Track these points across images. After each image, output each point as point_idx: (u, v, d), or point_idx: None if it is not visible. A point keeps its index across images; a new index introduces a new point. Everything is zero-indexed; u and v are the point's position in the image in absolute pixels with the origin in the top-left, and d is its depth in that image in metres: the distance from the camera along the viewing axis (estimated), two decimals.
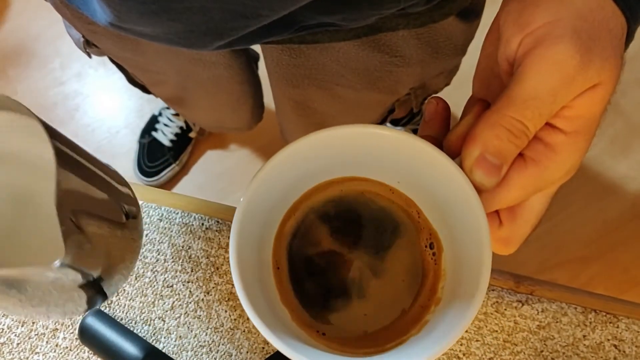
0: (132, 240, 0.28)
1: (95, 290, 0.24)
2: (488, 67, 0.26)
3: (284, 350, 0.23)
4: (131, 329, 0.46)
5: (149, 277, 0.47)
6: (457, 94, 1.32)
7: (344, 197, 0.30)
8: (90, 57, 0.57)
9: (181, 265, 0.47)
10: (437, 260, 0.28)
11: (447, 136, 0.26)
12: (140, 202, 0.49)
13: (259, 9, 0.31)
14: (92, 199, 0.23)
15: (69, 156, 0.22)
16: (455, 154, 0.25)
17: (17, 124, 0.22)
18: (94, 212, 0.23)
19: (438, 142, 0.27)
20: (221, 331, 0.45)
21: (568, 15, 0.21)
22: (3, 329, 0.47)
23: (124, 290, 0.47)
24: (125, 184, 0.30)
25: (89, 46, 0.54)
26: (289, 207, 0.30)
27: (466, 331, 0.44)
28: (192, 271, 0.47)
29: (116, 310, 0.47)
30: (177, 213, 0.48)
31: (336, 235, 0.30)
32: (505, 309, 0.44)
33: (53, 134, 0.21)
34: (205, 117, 0.76)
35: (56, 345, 0.46)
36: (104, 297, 0.26)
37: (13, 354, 0.46)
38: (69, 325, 0.47)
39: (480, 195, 0.23)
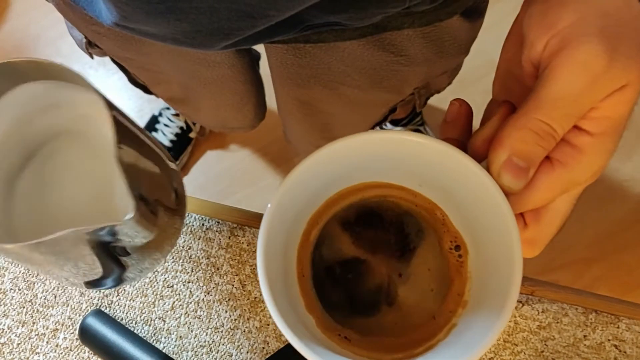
0: (174, 228, 0.28)
1: (119, 267, 0.24)
2: (508, 71, 0.26)
3: (312, 358, 0.23)
4: (131, 329, 0.46)
5: (149, 277, 0.47)
6: (456, 95, 1.31)
7: (366, 202, 0.30)
8: (92, 57, 0.57)
9: (181, 265, 0.47)
10: (463, 263, 0.28)
11: (471, 139, 0.26)
12: None
13: (266, 9, 0.31)
14: (148, 172, 0.24)
15: (127, 128, 0.22)
16: (481, 157, 0.25)
17: (80, 98, 0.22)
18: (149, 184, 0.24)
19: (461, 144, 0.27)
20: (221, 331, 0.45)
21: (594, 13, 0.21)
22: (3, 329, 0.47)
23: (124, 290, 0.47)
24: (173, 161, 0.30)
25: (91, 47, 0.54)
26: (311, 215, 0.30)
27: None
28: (192, 271, 0.47)
29: (116, 310, 0.47)
30: None
31: (360, 241, 0.30)
32: None
33: (111, 106, 0.21)
34: (208, 117, 0.76)
35: (56, 346, 0.46)
36: (119, 280, 0.26)
37: (13, 354, 0.46)
38: (69, 326, 0.47)
39: (508, 198, 0.23)
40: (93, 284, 0.26)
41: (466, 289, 0.28)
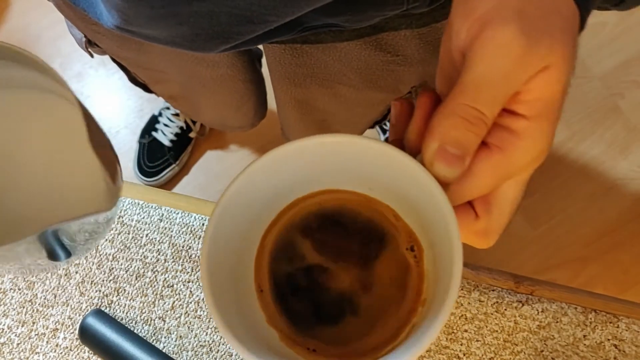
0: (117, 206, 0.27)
1: (65, 253, 0.23)
2: (448, 63, 0.26)
3: None
4: (131, 329, 0.46)
5: (150, 277, 0.47)
6: None
7: (323, 210, 0.29)
8: (92, 56, 0.57)
9: (181, 265, 0.47)
10: (419, 262, 0.28)
11: (406, 135, 0.26)
12: (140, 202, 0.49)
13: (266, 15, 0.32)
14: (106, 154, 0.23)
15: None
16: (417, 152, 0.24)
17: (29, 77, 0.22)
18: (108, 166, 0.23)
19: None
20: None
21: None
22: (3, 329, 0.47)
23: (124, 290, 0.47)
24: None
25: (91, 46, 0.54)
26: (266, 227, 0.29)
27: (466, 331, 0.44)
28: (192, 271, 0.47)
29: (116, 310, 0.47)
30: (178, 213, 0.48)
31: (321, 248, 0.29)
32: (505, 309, 0.44)
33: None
34: (208, 115, 0.76)
35: (56, 345, 0.46)
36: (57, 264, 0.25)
37: (13, 354, 0.46)
38: (69, 325, 0.47)
39: (447, 188, 0.23)
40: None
41: (424, 287, 0.27)
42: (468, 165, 0.22)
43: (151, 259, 0.47)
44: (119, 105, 1.33)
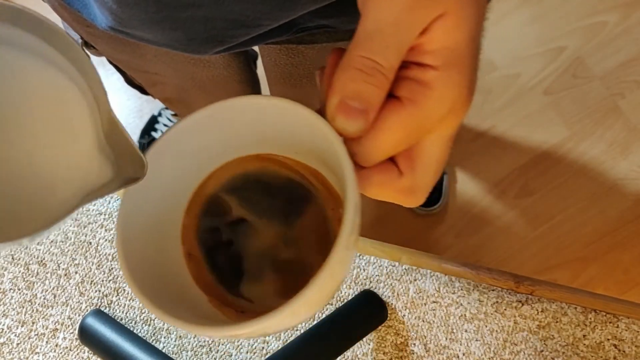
0: None
1: None
2: None
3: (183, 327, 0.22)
4: (131, 329, 0.46)
5: None
6: None
7: (250, 173, 0.30)
8: (88, 57, 0.58)
9: None
10: (341, 219, 0.28)
11: (319, 97, 0.25)
12: None
13: (260, 19, 0.32)
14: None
15: None
16: None
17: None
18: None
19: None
20: None
21: None
22: (3, 329, 0.47)
23: (124, 290, 0.47)
24: None
25: (88, 47, 0.54)
26: (190, 194, 0.29)
27: (466, 331, 0.44)
28: None
29: (116, 310, 0.47)
30: None
31: (244, 210, 0.29)
32: (505, 309, 0.44)
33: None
34: None
35: (56, 345, 0.46)
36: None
37: (13, 354, 0.46)
38: (69, 325, 0.47)
39: (359, 144, 0.23)
40: None
41: None
42: (373, 118, 0.22)
43: None
44: (118, 106, 1.33)
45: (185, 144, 0.26)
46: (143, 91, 0.72)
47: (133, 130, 1.30)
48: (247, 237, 0.29)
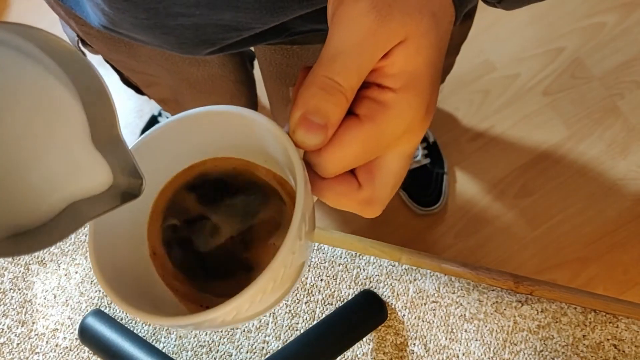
0: None
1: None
2: None
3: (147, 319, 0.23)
4: (131, 328, 0.46)
5: None
6: (454, 98, 1.32)
7: (210, 173, 0.31)
8: (85, 56, 0.58)
9: None
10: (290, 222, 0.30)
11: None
12: None
13: (251, 24, 0.32)
14: None
15: None
16: None
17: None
18: None
19: None
20: (221, 331, 0.45)
21: None
22: (3, 329, 0.47)
23: None
24: None
25: (84, 45, 0.54)
26: (156, 195, 0.30)
27: (465, 331, 0.44)
28: None
29: (116, 309, 0.47)
30: None
31: (205, 208, 0.30)
32: (505, 309, 0.44)
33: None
34: None
35: (56, 345, 0.46)
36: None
37: (13, 354, 0.46)
38: (69, 325, 0.47)
39: (319, 156, 0.24)
40: None
41: None
42: (331, 134, 0.23)
43: None
44: (118, 106, 1.32)
45: (156, 149, 0.28)
46: (139, 91, 0.72)
47: (133, 130, 1.30)
48: (207, 236, 0.30)
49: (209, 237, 0.30)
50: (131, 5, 0.32)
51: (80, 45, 0.54)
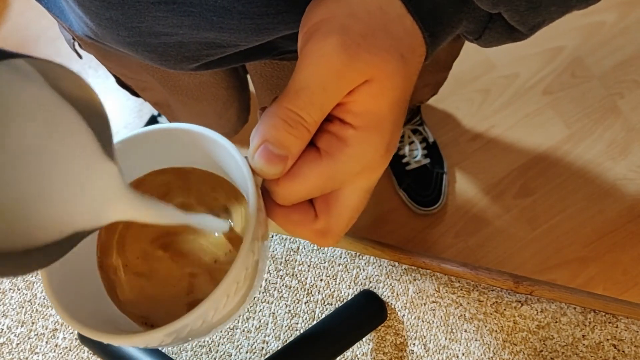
0: None
1: None
2: None
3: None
4: None
5: None
6: (454, 98, 1.32)
7: (167, 185, 0.31)
8: (80, 57, 0.57)
9: None
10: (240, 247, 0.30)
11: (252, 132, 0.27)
12: None
13: (235, 41, 0.32)
14: None
15: None
16: None
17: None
18: None
19: None
20: (221, 331, 0.45)
21: (341, 13, 0.23)
22: (3, 329, 0.47)
23: None
24: None
25: (80, 47, 0.54)
26: None
27: (465, 331, 0.44)
28: None
29: None
30: None
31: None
32: (504, 309, 0.44)
33: None
34: (192, 123, 0.76)
35: (56, 346, 0.46)
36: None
37: (13, 354, 0.46)
38: (68, 326, 0.47)
39: (277, 184, 0.24)
40: None
41: None
42: (290, 165, 0.23)
43: None
44: (118, 106, 1.33)
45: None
46: (134, 93, 0.72)
47: (133, 130, 1.30)
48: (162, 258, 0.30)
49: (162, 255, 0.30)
50: (113, 23, 0.31)
51: (77, 46, 0.54)
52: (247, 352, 0.45)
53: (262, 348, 0.45)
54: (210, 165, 0.30)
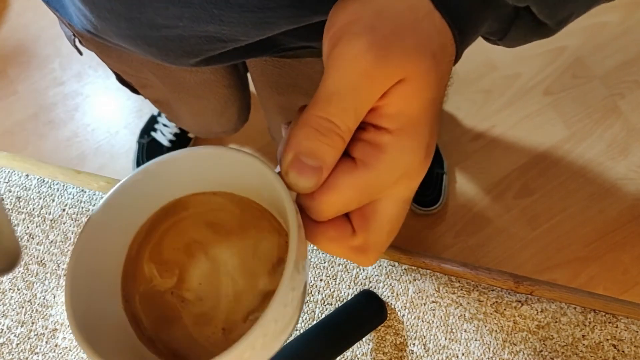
0: None
1: None
2: None
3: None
4: None
5: None
6: (455, 98, 1.31)
7: (195, 223, 0.29)
8: (81, 54, 0.57)
9: None
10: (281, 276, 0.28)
11: (279, 149, 0.26)
12: None
13: (236, 35, 0.32)
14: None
15: None
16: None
17: None
18: None
19: None
20: None
21: (368, 15, 0.22)
22: (2, 330, 0.47)
23: None
24: None
25: (81, 43, 0.54)
26: (134, 234, 0.28)
27: (465, 331, 0.44)
28: None
29: None
30: None
31: (190, 261, 0.28)
32: (504, 309, 0.44)
33: None
34: (192, 121, 0.76)
35: (55, 346, 0.46)
36: None
37: (12, 354, 0.46)
38: (68, 326, 0.47)
39: (312, 199, 0.23)
40: None
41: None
42: (325, 176, 0.22)
43: None
44: (118, 105, 1.33)
45: (133, 194, 0.27)
46: (134, 90, 0.72)
47: (133, 130, 1.30)
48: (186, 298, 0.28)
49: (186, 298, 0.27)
50: (113, 14, 0.31)
51: (77, 43, 0.53)
52: None
53: None
54: (238, 187, 0.28)
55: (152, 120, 1.26)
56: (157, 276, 0.28)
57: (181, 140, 1.23)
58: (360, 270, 0.46)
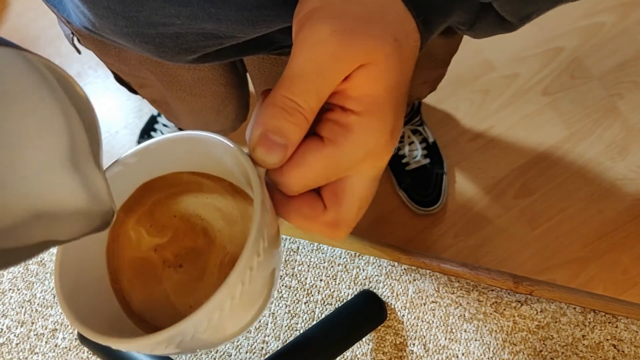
0: None
1: None
2: None
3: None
4: None
5: None
6: (454, 98, 1.32)
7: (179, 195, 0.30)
8: (80, 53, 0.57)
9: None
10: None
11: (247, 131, 0.27)
12: None
13: (233, 32, 0.32)
14: None
15: None
16: None
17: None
18: None
19: None
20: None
21: (335, 1, 0.23)
22: (2, 329, 0.47)
23: None
24: None
25: (80, 42, 0.54)
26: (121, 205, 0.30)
27: (465, 331, 0.44)
28: None
29: None
30: None
31: (163, 233, 0.30)
32: (504, 309, 0.44)
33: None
34: (190, 120, 0.76)
35: (55, 346, 0.46)
36: None
37: (12, 354, 0.46)
38: (68, 325, 0.46)
39: (281, 174, 0.24)
40: None
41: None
42: (290, 153, 0.23)
43: None
44: (118, 106, 1.33)
45: (124, 178, 0.28)
46: (132, 89, 0.72)
47: (133, 130, 1.30)
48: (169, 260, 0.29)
49: (167, 261, 0.29)
50: (110, 12, 0.32)
51: (76, 42, 0.53)
52: (246, 352, 0.45)
53: (262, 348, 0.45)
54: (212, 168, 0.30)
55: (152, 121, 1.26)
56: (145, 235, 0.30)
57: None
58: (360, 270, 0.46)
